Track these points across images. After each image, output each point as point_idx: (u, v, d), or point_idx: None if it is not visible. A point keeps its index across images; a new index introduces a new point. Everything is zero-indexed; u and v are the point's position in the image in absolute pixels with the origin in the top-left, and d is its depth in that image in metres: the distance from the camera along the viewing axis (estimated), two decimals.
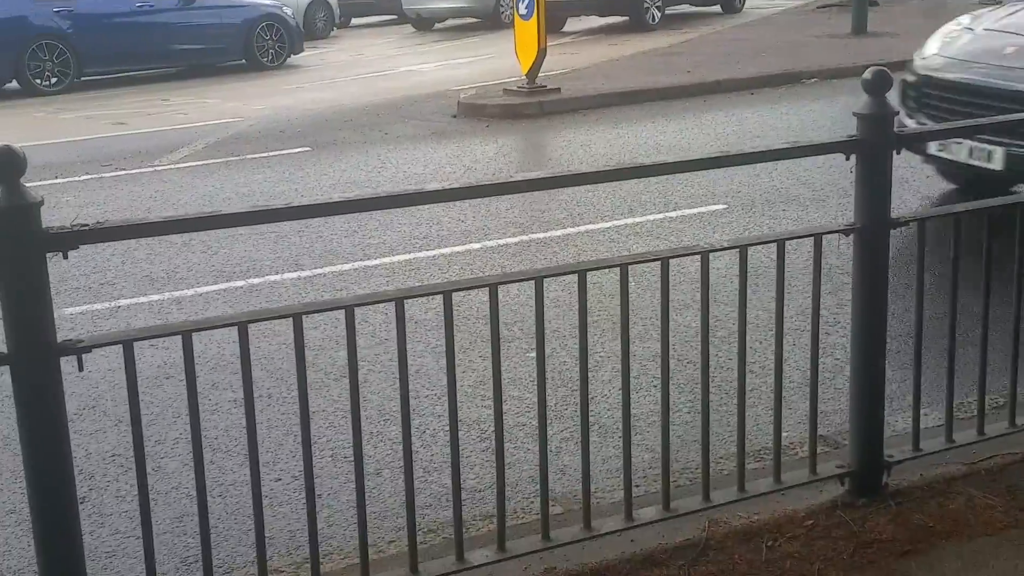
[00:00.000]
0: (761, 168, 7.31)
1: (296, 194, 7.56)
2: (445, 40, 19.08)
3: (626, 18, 17.98)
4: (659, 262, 2.74)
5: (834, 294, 4.49)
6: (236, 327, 2.31)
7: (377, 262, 5.85)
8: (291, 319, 2.36)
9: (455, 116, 10.60)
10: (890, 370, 3.57)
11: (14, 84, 13.73)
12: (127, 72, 14.85)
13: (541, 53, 10.61)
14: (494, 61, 14.34)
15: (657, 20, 17.62)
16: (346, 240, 6.25)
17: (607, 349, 4.44)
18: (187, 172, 8.57)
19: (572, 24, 18.79)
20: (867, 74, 2.87)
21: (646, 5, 17.63)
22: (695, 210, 6.60)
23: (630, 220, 6.46)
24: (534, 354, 2.68)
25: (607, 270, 2.89)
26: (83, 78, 14.12)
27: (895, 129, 2.92)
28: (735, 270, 2.89)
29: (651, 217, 6.50)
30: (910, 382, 3.12)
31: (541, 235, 6.24)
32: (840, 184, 6.35)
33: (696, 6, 19.20)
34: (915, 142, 2.91)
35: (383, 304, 2.58)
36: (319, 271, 5.75)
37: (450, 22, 20.86)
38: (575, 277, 2.64)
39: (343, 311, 2.42)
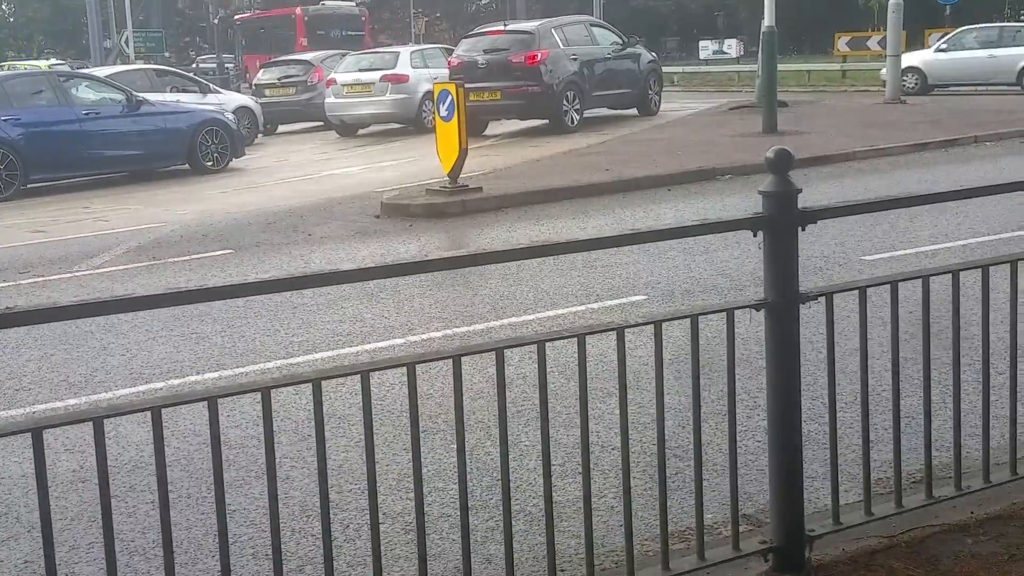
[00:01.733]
0: (680, 259, 7.48)
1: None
2: (369, 144, 19.33)
3: (546, 121, 18.43)
4: (575, 339, 2.77)
5: (754, 378, 4.56)
6: (150, 411, 2.27)
7: (301, 359, 5.79)
8: (206, 403, 2.33)
9: (378, 216, 10.67)
10: (813, 447, 3.62)
11: None
12: (73, 178, 14.90)
13: (462, 153, 10.79)
14: (417, 163, 14.55)
15: (576, 123, 18.07)
16: (268, 339, 6.19)
17: (532, 438, 4.43)
18: (107, 277, 8.45)
19: (494, 127, 19.18)
20: (770, 153, 2.98)
21: (565, 108, 18.04)
22: (616, 301, 6.69)
23: (552, 312, 6.52)
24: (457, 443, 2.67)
25: (528, 356, 2.90)
26: (29, 185, 14.12)
27: (799, 206, 3.02)
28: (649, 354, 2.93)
29: (573, 309, 6.57)
30: (828, 457, 3.17)
31: (465, 329, 6.26)
32: (757, 273, 6.50)
33: (613, 109, 19.76)
34: (820, 218, 3.00)
35: (306, 401, 2.56)
36: (241, 370, 5.67)
37: (374, 127, 21.15)
38: (497, 371, 2.64)
39: (260, 394, 2.39)
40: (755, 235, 2.97)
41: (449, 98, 10.64)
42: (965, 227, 7.84)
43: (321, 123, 22.26)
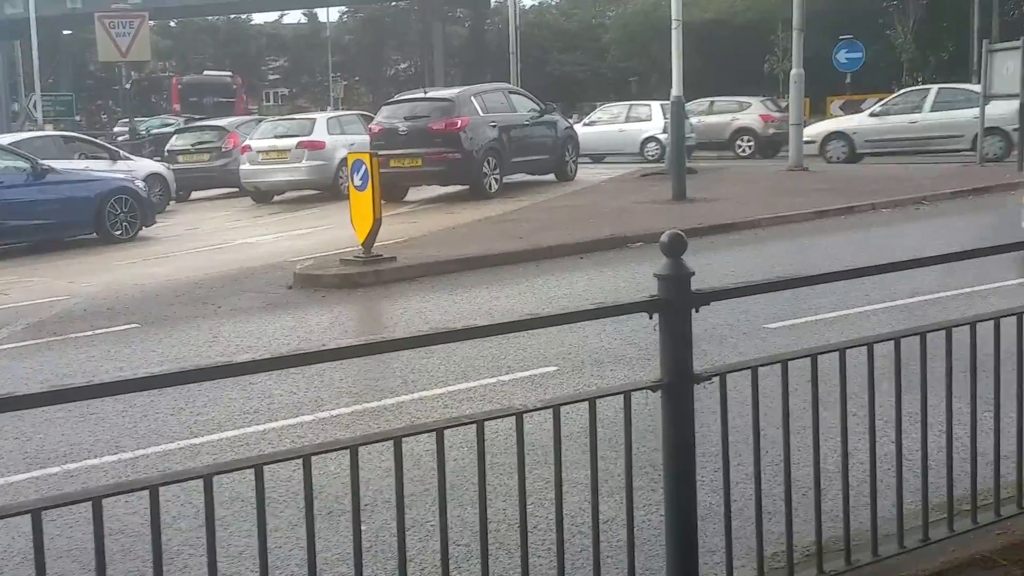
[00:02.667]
0: (591, 328, 7.55)
1: (120, 372, 7.33)
2: (284, 212, 19.23)
3: (466, 187, 18.59)
4: (475, 425, 2.79)
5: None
6: (30, 515, 2.21)
7: (204, 440, 5.68)
8: (90, 504, 2.28)
9: (291, 287, 10.59)
10: (714, 520, 3.67)
11: None
12: None
13: (377, 223, 10.81)
14: (332, 231, 14.51)
15: (495, 189, 18.28)
16: (172, 418, 6.06)
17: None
18: (3, 355, 8.21)
19: (414, 193, 19.25)
20: (664, 237, 3.06)
21: (485, 174, 18.23)
22: (527, 373, 6.73)
23: (464, 385, 6.53)
24: (363, 527, 2.65)
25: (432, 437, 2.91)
26: None
27: (692, 289, 3.11)
28: (567, 430, 2.96)
29: (484, 381, 6.59)
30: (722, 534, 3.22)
31: (375, 404, 6.22)
32: None
33: (532, 175, 20.09)
34: (712, 300, 3.09)
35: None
36: (142, 452, 5.54)
37: (289, 194, 21.05)
38: (395, 460, 2.64)
39: (147, 492, 2.35)
40: (651, 317, 3.04)
41: (363, 168, 10.68)
42: (861, 295, 8.10)
43: (236, 189, 22.08)
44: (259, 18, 70.44)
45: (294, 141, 20.27)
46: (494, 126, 18.44)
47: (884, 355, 3.42)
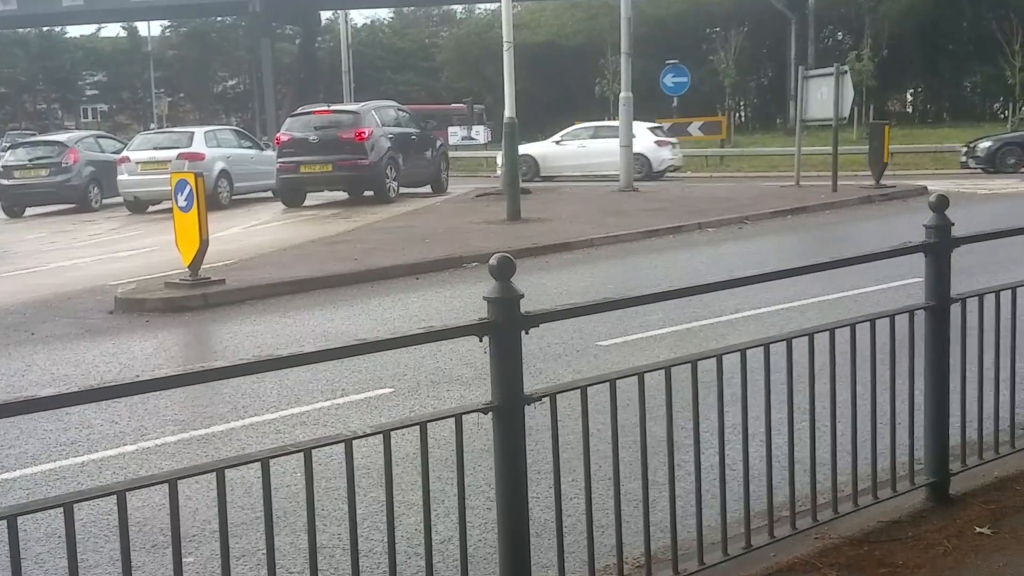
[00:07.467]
0: (426, 349, 7.52)
1: None
2: (105, 233, 18.42)
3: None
4: (302, 454, 2.72)
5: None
6: None
7: (17, 474, 5.35)
8: None
9: (112, 312, 10.13)
10: (549, 535, 3.70)
11: None
12: None
13: (204, 244, 10.48)
14: (156, 254, 13.98)
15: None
16: None
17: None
18: None
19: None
20: (493, 261, 3.07)
21: (387, 182, 20.36)
22: (362, 395, 6.64)
23: (297, 410, 6.38)
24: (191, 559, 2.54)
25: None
26: None
27: (522, 311, 3.13)
28: (401, 453, 2.92)
29: (318, 405, 6.46)
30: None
31: (203, 432, 6.00)
32: None
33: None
34: (542, 322, 3.12)
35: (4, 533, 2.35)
36: None
37: (116, 212, 20.48)
38: (218, 492, 2.54)
39: None
40: (480, 340, 3.04)
41: (188, 188, 10.34)
42: (689, 312, 8.37)
43: (75, 204, 22.67)
44: (74, 31, 67.19)
45: (174, 153, 21.04)
46: (391, 138, 20.74)
47: (708, 370, 3.53)
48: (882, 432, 4.09)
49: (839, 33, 54.34)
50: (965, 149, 26.03)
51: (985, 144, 25.42)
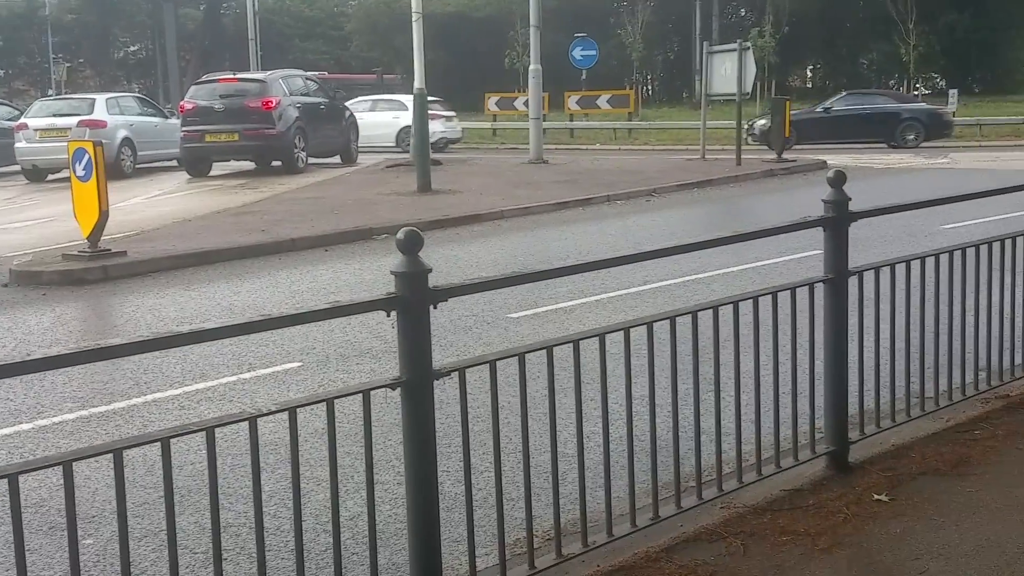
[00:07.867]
0: (335, 324, 7.42)
1: None
2: (0, 203, 17.78)
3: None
4: (204, 432, 2.65)
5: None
6: None
7: None
8: None
9: (6, 285, 9.77)
10: (461, 510, 3.69)
11: None
12: None
13: (103, 215, 10.16)
14: (56, 224, 13.52)
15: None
16: None
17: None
18: None
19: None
20: (400, 234, 3.03)
21: (296, 152, 20.04)
22: (270, 370, 6.54)
23: (202, 385, 6.25)
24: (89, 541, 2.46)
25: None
26: None
27: (430, 286, 3.10)
28: (309, 428, 2.87)
29: (224, 380, 6.33)
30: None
31: (103, 408, 5.84)
32: None
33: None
34: (450, 296, 3.09)
35: None
36: None
37: (15, 180, 19.73)
38: (116, 474, 2.47)
39: None
40: (388, 315, 3.00)
41: (86, 157, 10.00)
42: (598, 283, 8.43)
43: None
44: None
45: (75, 120, 20.52)
46: (299, 107, 20.39)
47: (616, 342, 3.55)
48: (784, 402, 4.18)
49: (742, 10, 55.19)
50: (747, 127, 26.10)
51: (761, 122, 25.95)
